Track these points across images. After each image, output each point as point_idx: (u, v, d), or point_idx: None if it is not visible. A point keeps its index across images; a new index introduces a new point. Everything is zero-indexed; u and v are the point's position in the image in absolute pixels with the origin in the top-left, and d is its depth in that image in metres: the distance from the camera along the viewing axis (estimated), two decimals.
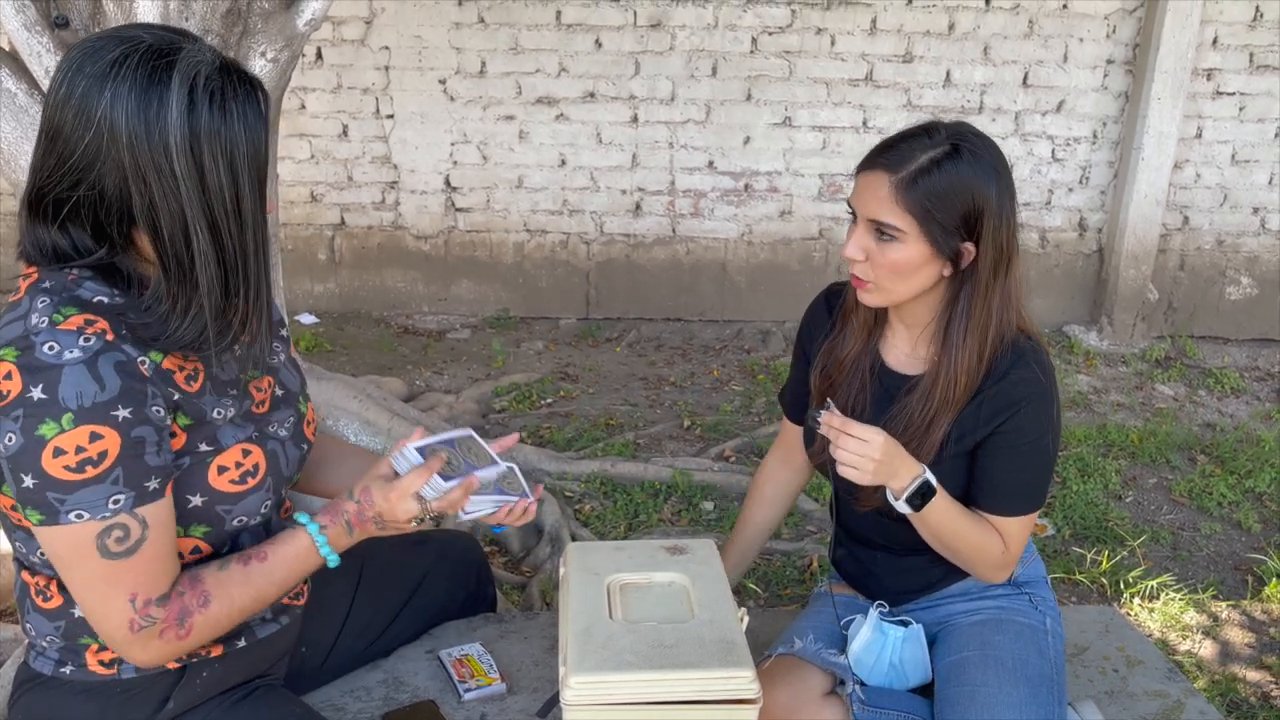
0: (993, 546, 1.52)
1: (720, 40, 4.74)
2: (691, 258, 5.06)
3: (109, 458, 1.11)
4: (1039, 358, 1.48)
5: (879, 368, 1.59)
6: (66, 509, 1.11)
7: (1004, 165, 1.44)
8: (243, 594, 1.25)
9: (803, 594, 2.73)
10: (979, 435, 1.49)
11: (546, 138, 4.88)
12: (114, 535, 1.13)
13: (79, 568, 1.15)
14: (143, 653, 1.20)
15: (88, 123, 1.09)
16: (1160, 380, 4.55)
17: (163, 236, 1.13)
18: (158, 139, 1.09)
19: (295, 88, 4.73)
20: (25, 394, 1.08)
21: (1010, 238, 1.45)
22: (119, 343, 1.13)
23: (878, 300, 1.49)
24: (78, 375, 1.09)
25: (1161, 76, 4.60)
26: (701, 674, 1.32)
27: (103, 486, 1.11)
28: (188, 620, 1.20)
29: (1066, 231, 5.07)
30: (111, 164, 1.10)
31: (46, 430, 1.08)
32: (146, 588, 1.17)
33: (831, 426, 1.42)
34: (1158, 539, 3.14)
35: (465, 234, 5.03)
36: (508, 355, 4.59)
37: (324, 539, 1.29)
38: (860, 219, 1.44)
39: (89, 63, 1.10)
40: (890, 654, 1.59)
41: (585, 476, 3.26)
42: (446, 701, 1.60)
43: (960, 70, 4.79)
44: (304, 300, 5.08)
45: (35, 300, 1.14)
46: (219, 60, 1.14)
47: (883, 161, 1.42)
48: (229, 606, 1.24)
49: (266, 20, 2.44)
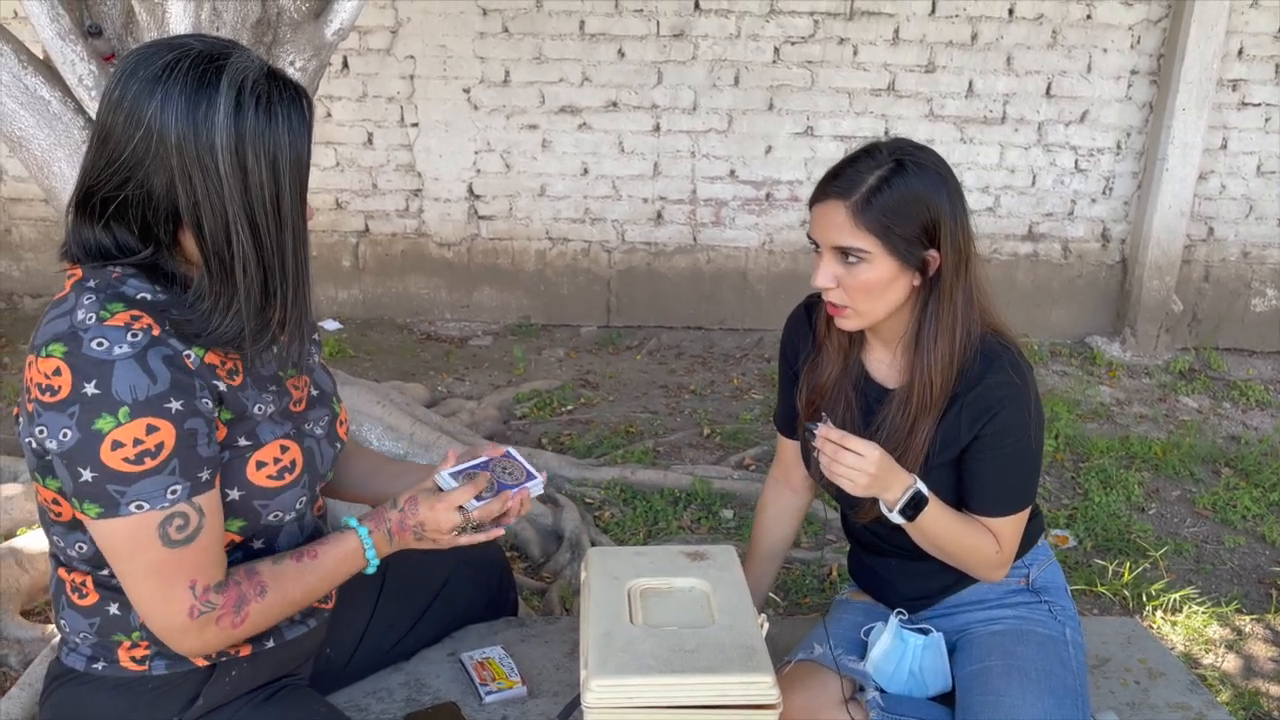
0: (986, 547, 1.54)
1: (743, 50, 4.76)
2: (712, 266, 5.08)
3: (165, 449, 1.14)
4: (1011, 358, 1.50)
5: (863, 382, 1.61)
6: (127, 500, 1.13)
7: (948, 171, 1.48)
8: (295, 588, 1.29)
9: (823, 602, 2.73)
10: (962, 442, 1.52)
11: (569, 146, 4.91)
12: (175, 524, 1.16)
13: (139, 558, 1.17)
14: (198, 639, 1.22)
15: (138, 123, 1.13)
16: (1184, 392, 4.51)
17: (205, 234, 1.16)
18: (205, 139, 1.12)
19: (322, 96, 4.78)
20: (79, 390, 1.11)
21: (966, 239, 1.48)
22: (165, 337, 1.16)
23: (856, 324, 1.52)
24: (129, 370, 1.12)
25: (1186, 87, 4.58)
26: (721, 679, 1.33)
27: (161, 477, 1.14)
28: (244, 608, 1.23)
29: (1089, 242, 5.05)
30: (160, 163, 1.14)
31: (103, 424, 1.11)
32: (205, 574, 1.20)
33: (828, 440, 1.44)
34: (1181, 552, 3.12)
35: (488, 241, 5.07)
36: (529, 362, 4.61)
37: (371, 542, 1.34)
38: (824, 248, 1.48)
39: (141, 67, 1.14)
40: (910, 662, 1.59)
41: (605, 483, 3.27)
42: (468, 704, 1.61)
43: (983, 80, 4.78)
44: (328, 306, 5.12)
45: (81, 297, 1.17)
46: (266, 67, 1.18)
47: (834, 189, 1.45)
48: (282, 598, 1.28)
49: (295, 30, 2.48)
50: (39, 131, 2.32)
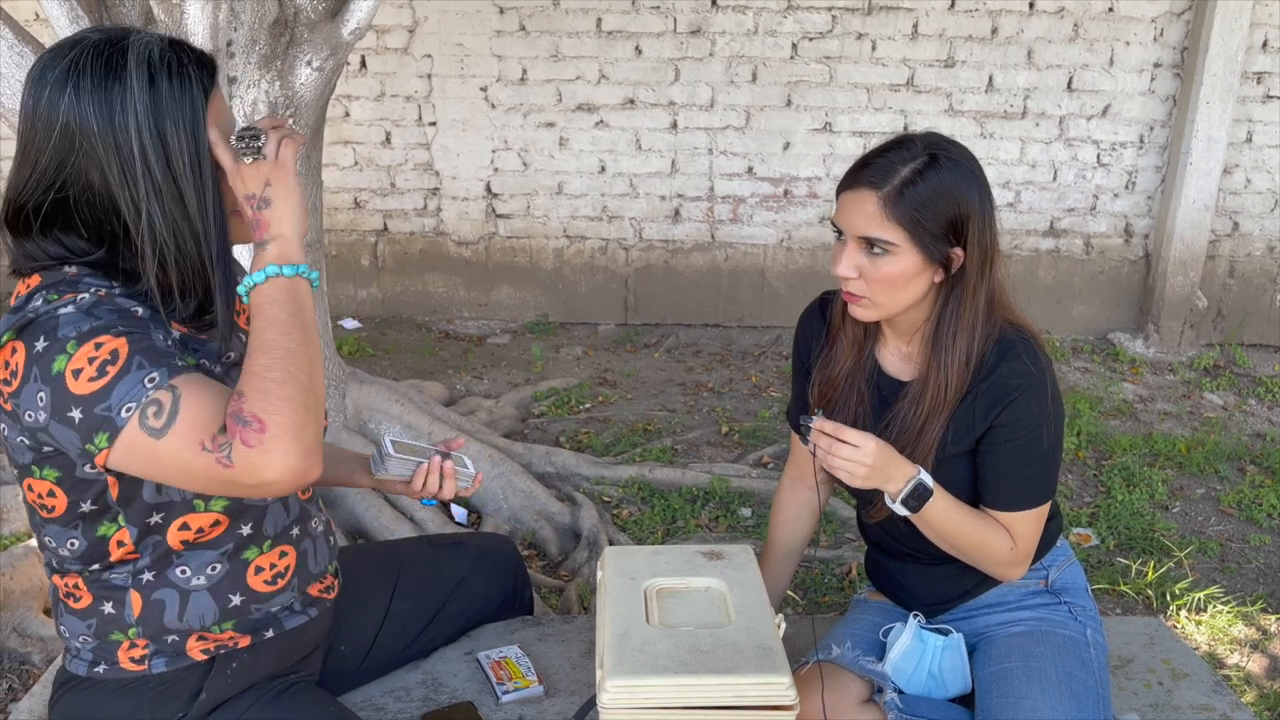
0: (1000, 543, 1.51)
1: (760, 46, 4.74)
2: (730, 263, 5.06)
3: (121, 354, 1.13)
4: (1028, 348, 1.48)
5: (876, 375, 1.60)
6: (117, 411, 1.11)
7: (979, 168, 1.46)
8: (266, 359, 1.14)
9: (841, 601, 2.72)
10: (976, 433, 1.49)
11: (586, 144, 4.91)
12: (149, 412, 1.11)
13: (156, 456, 1.12)
14: (248, 470, 1.10)
15: (52, 124, 1.15)
16: (1209, 389, 4.46)
17: (139, 212, 1.17)
18: (120, 121, 1.15)
19: (340, 96, 4.80)
20: (32, 352, 1.13)
21: (992, 238, 1.47)
22: (111, 298, 1.18)
23: (873, 315, 1.50)
24: (72, 316, 1.14)
25: (1210, 80, 4.52)
26: (738, 679, 1.32)
27: (131, 375, 1.12)
28: (241, 414, 1.11)
29: (1112, 238, 5.00)
30: (88, 158, 1.16)
31: (59, 364, 1.12)
32: (204, 429, 1.11)
33: (823, 434, 1.42)
34: (1205, 550, 3.08)
35: (506, 240, 5.07)
36: (547, 360, 4.61)
37: (271, 270, 1.20)
38: (849, 237, 1.45)
39: (48, 71, 1.17)
40: (930, 663, 1.58)
41: (623, 482, 3.27)
42: (484, 703, 1.61)
43: (1003, 75, 4.74)
44: (347, 305, 5.14)
45: (35, 296, 1.18)
46: (168, 39, 1.20)
47: (866, 178, 1.43)
48: (263, 376, 1.13)
49: (312, 30, 2.48)
50: None
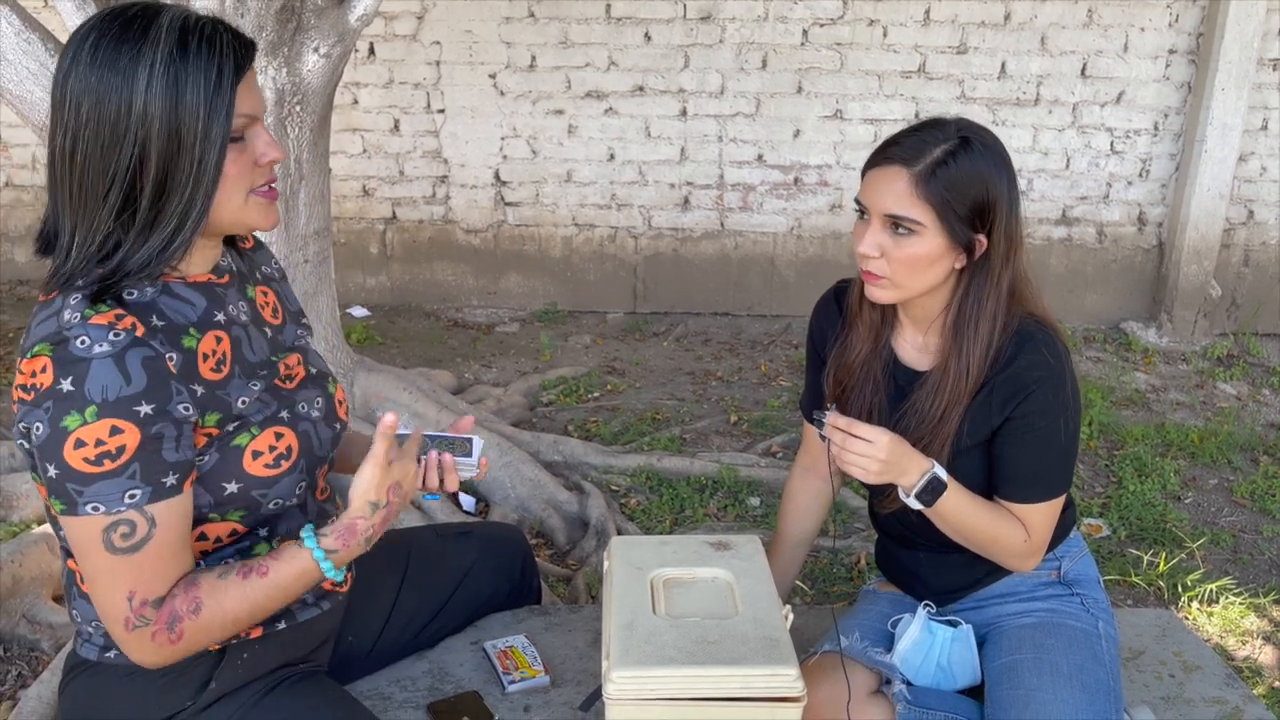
0: (1014, 536, 1.50)
1: (771, 32, 4.70)
2: (740, 252, 5.04)
3: (126, 452, 1.12)
4: (1047, 340, 1.46)
5: (892, 363, 1.58)
6: (84, 500, 1.13)
7: (1008, 157, 1.45)
8: (236, 606, 1.22)
9: (849, 591, 2.71)
10: (993, 424, 1.48)
11: (595, 131, 4.88)
12: (119, 531, 1.14)
13: (87, 559, 1.16)
14: (138, 651, 1.19)
15: (75, 79, 1.14)
16: (1222, 379, 4.43)
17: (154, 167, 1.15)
18: (138, 76, 1.13)
19: (348, 83, 4.79)
20: (55, 386, 1.11)
21: (1017, 226, 1.45)
22: (148, 338, 1.16)
23: (891, 296, 1.48)
24: (105, 369, 1.11)
25: (1226, 66, 4.47)
26: (745, 671, 1.31)
27: (119, 480, 1.13)
28: (177, 625, 1.19)
29: (1125, 226, 4.96)
30: (101, 113, 1.14)
31: (70, 422, 1.10)
32: (145, 587, 1.17)
33: (836, 428, 1.41)
34: (1218, 541, 3.06)
35: (514, 228, 5.06)
36: (555, 349, 4.60)
37: (329, 565, 1.25)
38: (874, 215, 1.43)
39: (74, 36, 1.16)
40: (938, 654, 1.56)
41: (631, 471, 3.26)
42: (490, 693, 1.61)
43: (1016, 61, 4.70)
44: (356, 293, 5.14)
45: (68, 297, 1.17)
46: (208, 16, 1.20)
47: (897, 154, 1.41)
48: (221, 616, 1.21)
49: (319, 16, 2.47)
50: None
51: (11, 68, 2.26)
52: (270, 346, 1.36)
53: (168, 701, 1.32)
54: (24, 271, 5.23)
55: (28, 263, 5.21)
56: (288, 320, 1.45)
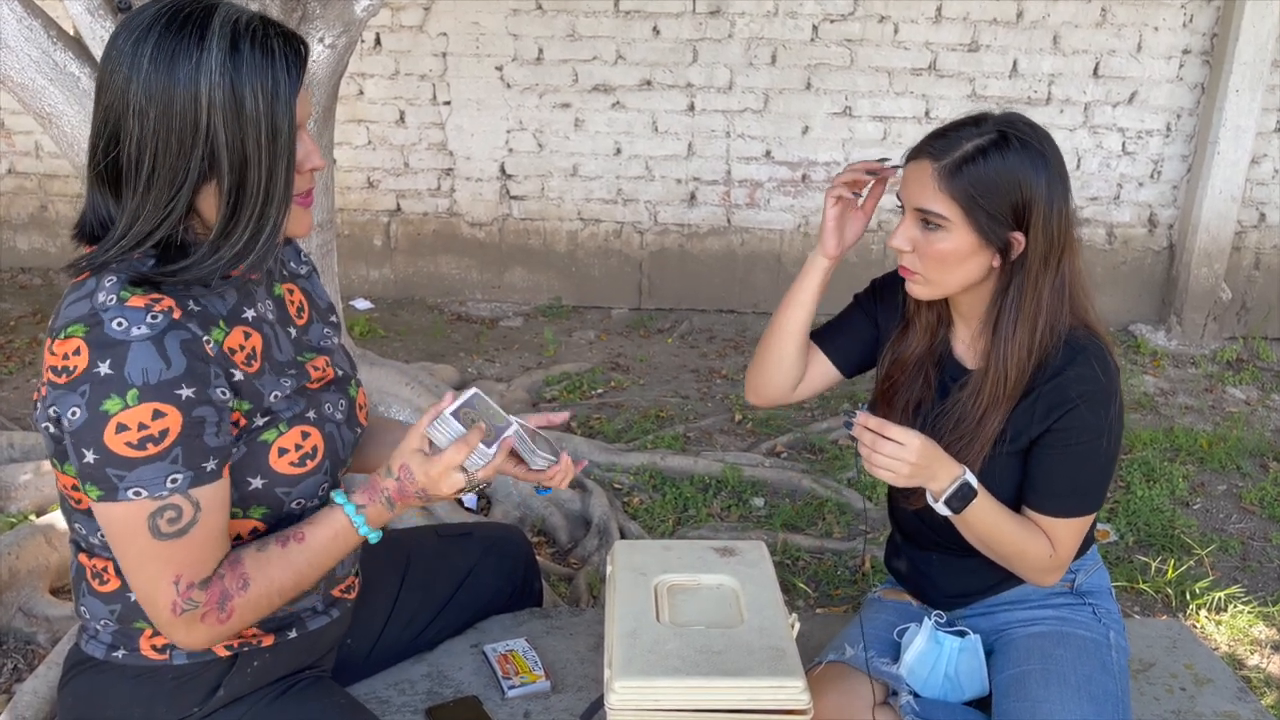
0: (1039, 549, 1.47)
1: (780, 28, 4.66)
2: (746, 249, 5.00)
3: (170, 436, 1.11)
4: (1100, 355, 1.43)
5: (946, 358, 1.56)
6: (125, 485, 1.11)
7: (1056, 154, 1.41)
8: (282, 575, 1.24)
9: (854, 595, 2.68)
10: (1033, 433, 1.45)
11: (602, 126, 4.85)
12: (166, 515, 1.13)
13: (130, 545, 1.15)
14: (186, 636, 1.20)
15: (124, 75, 1.11)
16: (1231, 383, 4.39)
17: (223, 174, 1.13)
18: (192, 80, 1.10)
19: (353, 74, 4.76)
20: (92, 369, 1.09)
21: (1062, 228, 1.41)
22: (185, 320, 1.14)
23: (927, 292, 1.47)
24: (144, 352, 1.10)
25: (1240, 68, 4.43)
26: (750, 682, 1.29)
27: (162, 465, 1.12)
28: (228, 604, 1.20)
29: (1135, 227, 4.92)
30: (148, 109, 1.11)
31: (111, 406, 1.09)
32: (191, 570, 1.17)
33: (866, 429, 1.38)
34: (1226, 548, 3.03)
35: (519, 222, 5.03)
36: (559, 344, 4.57)
37: (362, 518, 1.27)
38: (908, 209, 1.44)
39: (124, 29, 1.13)
40: (945, 665, 1.54)
41: (634, 469, 3.24)
42: (490, 698, 1.58)
43: (1027, 60, 4.66)
44: (359, 286, 5.12)
45: (102, 279, 1.14)
46: (258, 15, 1.17)
47: (929, 150, 1.41)
48: (268, 588, 1.23)
49: (325, 6, 2.44)
50: (68, 108, 2.30)
51: (13, 55, 2.23)
52: (295, 347, 1.34)
53: (175, 705, 1.30)
54: (26, 259, 5.21)
55: (30, 250, 5.19)
56: (315, 319, 1.43)
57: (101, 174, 1.16)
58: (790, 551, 2.86)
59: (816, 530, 3.00)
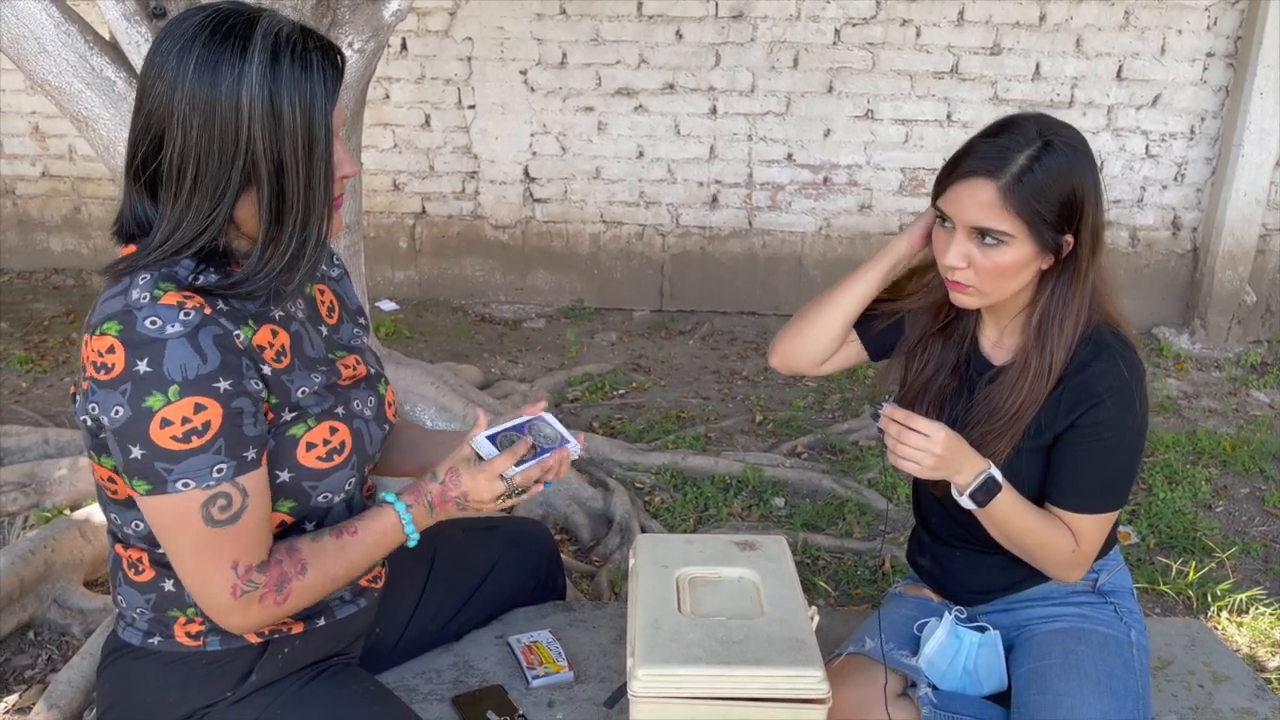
0: (1062, 544, 1.48)
1: (802, 31, 4.68)
2: (768, 251, 5.02)
3: (212, 428, 1.15)
4: (1125, 353, 1.44)
5: (972, 353, 1.57)
6: (174, 478, 1.15)
7: (1089, 149, 1.44)
8: (336, 564, 1.30)
9: (874, 594, 2.70)
10: (1057, 428, 1.46)
11: (625, 129, 4.88)
12: (218, 504, 1.17)
13: (183, 536, 1.19)
14: (242, 618, 1.24)
15: (166, 81, 1.14)
16: (1255, 386, 4.37)
17: (261, 183, 1.17)
18: (233, 89, 1.13)
19: (380, 78, 4.81)
20: (131, 368, 1.13)
21: (1102, 223, 1.43)
22: (216, 317, 1.18)
23: (977, 303, 1.47)
24: (180, 348, 1.13)
25: (1264, 70, 4.40)
26: (770, 671, 1.31)
27: (207, 456, 1.16)
28: (286, 586, 1.25)
29: (1159, 230, 4.90)
30: (193, 117, 1.14)
31: (154, 402, 1.13)
32: (248, 554, 1.22)
33: (893, 420, 1.39)
34: (1249, 551, 3.02)
35: (543, 224, 5.07)
36: (581, 345, 4.61)
37: (409, 517, 1.34)
38: (960, 226, 1.41)
39: (167, 38, 1.16)
40: (964, 659, 1.55)
41: (656, 469, 3.26)
42: (514, 687, 1.61)
43: (1050, 63, 4.65)
44: (385, 287, 5.17)
45: (136, 277, 1.18)
46: (299, 25, 1.20)
47: (981, 166, 1.38)
48: (323, 575, 1.28)
49: (354, 11, 2.48)
50: (105, 111, 2.35)
51: (51, 59, 2.29)
52: (326, 345, 1.38)
53: (208, 690, 1.33)
54: (60, 260, 5.29)
55: (63, 251, 5.27)
56: (345, 319, 1.47)
57: (139, 176, 1.20)
58: (810, 551, 2.88)
59: (837, 530, 3.02)
